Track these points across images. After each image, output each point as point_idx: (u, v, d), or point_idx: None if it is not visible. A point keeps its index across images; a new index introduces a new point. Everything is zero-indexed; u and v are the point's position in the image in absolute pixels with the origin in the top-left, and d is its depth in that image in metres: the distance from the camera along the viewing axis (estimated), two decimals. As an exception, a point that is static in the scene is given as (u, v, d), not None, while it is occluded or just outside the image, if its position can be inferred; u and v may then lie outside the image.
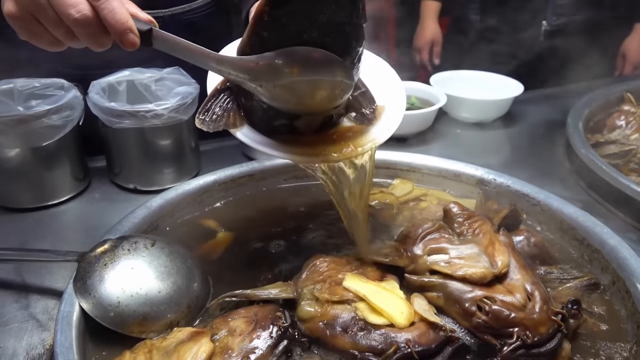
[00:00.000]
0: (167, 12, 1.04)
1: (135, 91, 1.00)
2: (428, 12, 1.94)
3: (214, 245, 0.79)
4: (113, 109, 0.88)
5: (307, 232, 0.83)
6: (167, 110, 0.88)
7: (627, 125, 1.15)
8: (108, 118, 0.89)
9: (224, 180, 0.91)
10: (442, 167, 0.95)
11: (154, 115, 0.87)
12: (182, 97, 0.90)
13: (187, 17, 1.07)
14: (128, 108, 0.87)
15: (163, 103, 0.88)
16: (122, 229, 0.76)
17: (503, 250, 0.65)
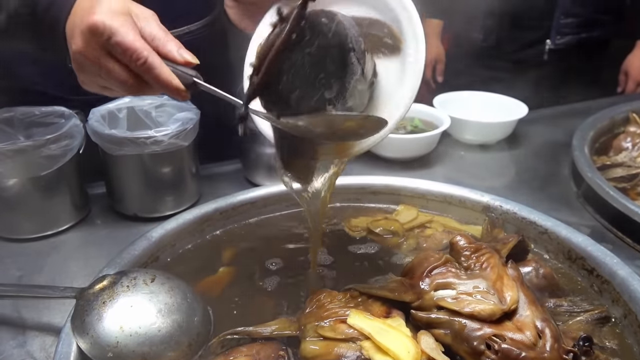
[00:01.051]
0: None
1: (136, 118, 0.99)
2: (430, 31, 1.93)
3: (216, 280, 0.78)
4: (113, 136, 0.87)
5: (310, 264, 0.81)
6: (167, 136, 0.87)
7: (634, 147, 1.14)
8: (108, 145, 0.88)
9: (225, 209, 0.89)
10: (447, 192, 0.93)
11: (154, 142, 0.86)
12: (182, 123, 0.89)
13: (185, 39, 1.06)
14: (128, 135, 0.86)
15: (163, 129, 0.87)
16: (121, 262, 0.74)
17: (512, 285, 0.63)
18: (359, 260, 0.83)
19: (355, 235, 0.88)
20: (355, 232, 0.89)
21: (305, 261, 0.82)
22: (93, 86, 0.68)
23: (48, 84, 1.03)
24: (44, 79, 1.03)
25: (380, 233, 0.88)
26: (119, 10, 0.64)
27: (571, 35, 1.76)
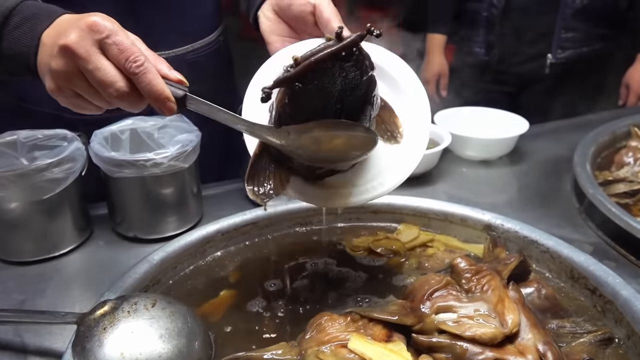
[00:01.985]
0: (171, 52, 1.06)
1: (139, 139, 0.99)
2: (434, 46, 1.94)
3: (217, 303, 0.78)
4: (113, 158, 0.87)
5: (312, 285, 0.81)
6: (167, 158, 0.87)
7: (636, 162, 1.13)
8: (108, 167, 0.88)
9: (226, 230, 0.90)
10: (449, 211, 0.93)
11: (153, 164, 0.87)
12: (182, 145, 0.89)
13: (190, 57, 1.09)
14: (128, 157, 0.87)
15: (163, 152, 0.88)
16: (123, 286, 0.74)
17: (513, 308, 0.63)
18: (360, 281, 0.83)
19: (356, 256, 0.88)
20: (356, 252, 0.89)
21: (307, 283, 0.82)
22: (66, 92, 0.64)
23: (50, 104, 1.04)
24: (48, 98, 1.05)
25: (381, 253, 0.88)
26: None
27: (572, 50, 1.76)
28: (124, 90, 0.62)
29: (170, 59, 1.03)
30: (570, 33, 1.74)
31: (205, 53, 1.12)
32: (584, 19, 1.73)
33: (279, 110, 0.61)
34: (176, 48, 1.07)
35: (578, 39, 1.75)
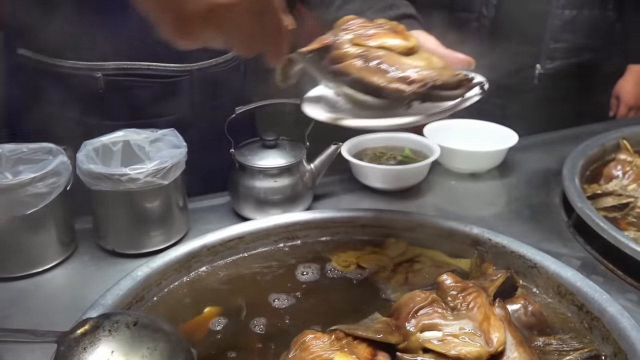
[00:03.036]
0: (195, 66, 1.11)
1: (131, 152, 0.99)
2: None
3: (201, 320, 0.77)
4: (89, 171, 0.87)
5: (297, 302, 0.80)
6: (143, 174, 0.86)
7: (624, 176, 1.13)
8: (87, 180, 0.88)
9: (213, 245, 0.89)
10: (436, 225, 0.93)
11: (129, 180, 0.86)
12: (161, 161, 0.88)
13: (212, 71, 1.14)
14: (103, 171, 0.86)
15: (138, 167, 0.86)
16: (105, 303, 0.73)
17: (499, 326, 0.63)
18: (346, 297, 0.82)
19: (343, 270, 0.88)
20: (343, 267, 0.88)
21: (293, 300, 0.81)
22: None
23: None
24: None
25: (368, 268, 0.87)
26: None
27: (561, 60, 1.76)
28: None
29: (194, 72, 1.11)
30: (559, 44, 1.75)
31: (225, 68, 1.18)
32: (573, 30, 1.73)
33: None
34: (200, 62, 1.12)
35: (567, 50, 1.76)
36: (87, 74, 1.06)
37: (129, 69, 1.07)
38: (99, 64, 1.06)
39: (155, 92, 1.10)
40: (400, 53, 0.73)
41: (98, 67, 1.06)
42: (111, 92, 1.08)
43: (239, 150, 1.03)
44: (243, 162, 1.01)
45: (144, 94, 1.09)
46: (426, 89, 0.69)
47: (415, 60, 0.73)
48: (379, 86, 0.70)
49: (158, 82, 1.10)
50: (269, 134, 1.03)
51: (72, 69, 1.06)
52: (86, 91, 1.07)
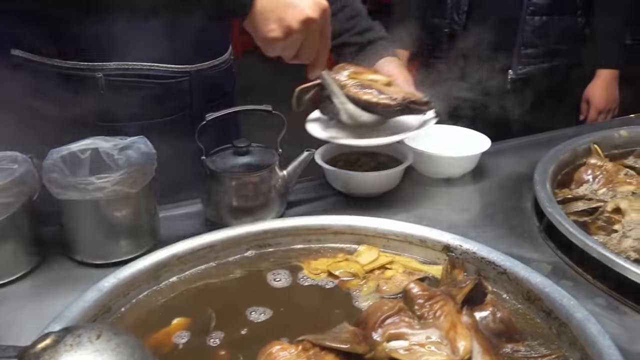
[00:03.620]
0: (194, 67, 1.15)
1: (100, 160, 0.97)
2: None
3: (169, 332, 0.75)
4: (56, 180, 0.85)
5: (267, 312, 0.80)
6: (110, 183, 0.85)
7: (595, 180, 1.15)
8: (53, 189, 0.86)
9: (182, 254, 0.88)
10: (408, 232, 0.93)
11: (95, 188, 0.84)
12: (129, 169, 0.87)
13: (209, 72, 1.19)
14: (69, 180, 0.84)
15: (105, 176, 0.85)
16: (70, 316, 0.72)
17: (465, 334, 0.63)
18: (317, 306, 0.81)
19: (314, 279, 0.87)
20: (314, 275, 0.88)
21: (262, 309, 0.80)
22: (290, 49, 0.85)
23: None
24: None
25: (340, 275, 0.87)
26: None
27: (532, 65, 1.79)
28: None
29: (193, 73, 1.16)
30: (530, 49, 1.77)
31: (220, 70, 1.22)
32: (544, 36, 1.76)
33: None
34: (199, 63, 1.17)
35: (538, 55, 1.78)
36: (88, 75, 1.06)
37: (129, 69, 1.09)
38: (100, 64, 1.07)
39: (155, 92, 1.12)
40: (382, 84, 1.06)
41: (99, 67, 1.07)
42: (112, 92, 1.09)
43: (210, 157, 1.02)
44: (214, 169, 1.00)
45: (144, 94, 1.11)
46: (406, 103, 1.03)
47: (393, 88, 1.07)
48: (373, 102, 1.03)
49: (158, 82, 1.12)
50: (241, 141, 1.02)
51: (72, 69, 1.06)
52: (87, 91, 1.08)
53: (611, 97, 1.89)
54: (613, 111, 1.92)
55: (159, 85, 1.12)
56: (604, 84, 1.87)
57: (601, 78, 1.87)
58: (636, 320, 0.81)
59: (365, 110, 1.03)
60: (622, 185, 1.11)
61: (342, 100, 1.03)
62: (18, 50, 1.06)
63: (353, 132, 1.07)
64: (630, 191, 1.09)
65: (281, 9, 0.80)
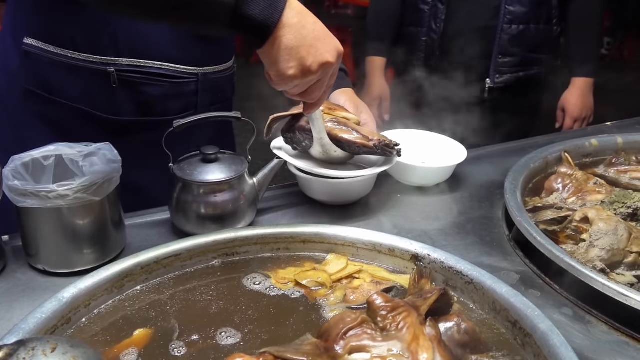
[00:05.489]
0: (202, 70, 1.18)
1: (64, 167, 0.95)
2: (374, 69, 1.95)
3: (130, 344, 0.74)
4: (16, 187, 0.83)
5: (231, 323, 0.78)
6: (72, 191, 0.83)
7: (565, 189, 1.15)
8: (13, 197, 0.84)
9: (147, 263, 0.86)
10: (377, 241, 0.92)
11: (57, 196, 0.82)
12: (91, 177, 0.85)
13: (214, 77, 1.21)
14: (29, 188, 0.82)
15: (67, 184, 0.83)
16: (26, 328, 0.70)
17: (428, 346, 0.62)
18: (283, 316, 0.80)
19: (281, 288, 0.86)
20: (282, 285, 0.87)
21: (227, 321, 0.79)
22: (300, 88, 0.86)
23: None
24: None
25: (307, 285, 0.86)
26: None
27: (509, 74, 1.80)
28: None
29: (200, 76, 1.18)
30: (507, 58, 1.78)
31: (225, 75, 1.25)
32: (520, 45, 1.77)
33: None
34: (207, 66, 1.19)
35: (515, 64, 1.80)
36: (101, 69, 1.07)
37: (141, 67, 1.10)
38: (113, 59, 1.07)
39: (163, 91, 1.14)
40: (354, 122, 1.13)
41: (112, 62, 1.07)
42: (123, 87, 1.10)
43: (178, 164, 1.01)
44: (182, 177, 0.99)
45: (153, 91, 1.13)
46: (381, 145, 1.09)
47: (366, 129, 1.15)
48: (351, 141, 1.08)
49: (167, 82, 1.13)
50: (209, 148, 1.01)
51: (86, 62, 1.07)
52: (99, 85, 1.09)
53: (587, 106, 1.91)
54: (588, 119, 1.94)
55: (168, 85, 1.14)
56: (579, 92, 1.89)
57: (576, 86, 1.89)
58: (601, 330, 0.82)
59: (338, 146, 1.09)
60: (592, 195, 1.12)
61: (322, 136, 1.07)
62: (31, 39, 1.07)
63: (319, 163, 1.12)
64: (599, 200, 1.10)
65: (304, 49, 0.80)
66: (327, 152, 1.10)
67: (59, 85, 1.09)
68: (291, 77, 0.82)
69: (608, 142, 1.38)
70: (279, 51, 0.80)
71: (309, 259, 0.93)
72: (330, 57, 0.83)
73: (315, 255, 0.94)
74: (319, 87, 0.88)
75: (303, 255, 0.94)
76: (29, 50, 1.07)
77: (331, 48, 0.83)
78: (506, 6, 1.74)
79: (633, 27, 6.09)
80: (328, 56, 0.82)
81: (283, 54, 0.80)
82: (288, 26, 0.78)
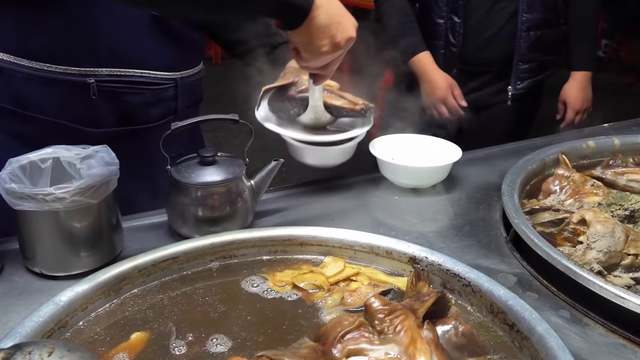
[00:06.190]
0: (179, 75, 1.19)
1: (61, 170, 0.95)
2: (425, 64, 1.85)
3: (127, 348, 0.73)
4: (13, 190, 0.83)
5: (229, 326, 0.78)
6: (70, 194, 0.83)
7: (562, 191, 1.15)
8: (10, 200, 0.84)
9: (144, 266, 0.86)
10: (374, 243, 0.92)
11: (54, 199, 0.82)
12: (89, 180, 0.85)
13: (190, 80, 1.23)
14: (26, 190, 0.82)
15: (64, 186, 0.83)
16: (23, 332, 0.70)
17: (425, 349, 0.62)
18: (280, 319, 0.80)
19: (279, 291, 0.86)
20: (279, 288, 0.87)
21: (224, 324, 0.79)
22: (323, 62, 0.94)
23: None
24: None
25: (304, 288, 0.86)
26: None
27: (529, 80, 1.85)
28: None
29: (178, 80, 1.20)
30: (527, 64, 1.81)
31: (197, 78, 1.27)
32: (538, 50, 1.80)
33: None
34: (183, 70, 1.21)
35: (533, 69, 1.84)
36: (79, 80, 1.06)
37: (122, 76, 1.09)
38: (92, 70, 1.06)
39: (144, 99, 1.14)
40: (337, 89, 1.20)
41: (91, 72, 1.06)
42: (103, 98, 1.09)
43: (176, 167, 1.01)
44: (179, 179, 0.99)
45: (135, 100, 1.13)
46: (367, 108, 1.17)
47: (348, 94, 1.20)
48: (340, 106, 1.17)
49: (148, 89, 1.14)
50: (206, 150, 1.01)
51: (64, 75, 1.05)
52: (78, 97, 1.08)
53: (586, 98, 1.94)
54: (588, 111, 1.96)
55: (149, 92, 1.14)
56: (579, 85, 1.91)
57: (576, 79, 1.92)
58: (598, 332, 0.82)
59: (327, 112, 1.17)
60: (589, 196, 1.12)
61: (318, 103, 1.13)
62: (2, 54, 1.04)
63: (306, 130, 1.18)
64: (596, 202, 1.10)
65: (334, 26, 0.88)
66: (318, 118, 1.16)
67: (35, 101, 1.06)
68: (323, 53, 0.90)
69: (605, 143, 1.38)
70: (313, 30, 0.86)
71: (306, 262, 0.93)
72: (353, 32, 0.91)
73: (312, 258, 0.94)
74: (338, 60, 0.96)
75: (300, 258, 0.94)
76: (0, 65, 1.04)
77: (352, 24, 0.91)
78: (523, 14, 1.75)
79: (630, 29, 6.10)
80: (352, 31, 0.91)
81: (317, 33, 0.87)
82: (320, 6, 0.85)
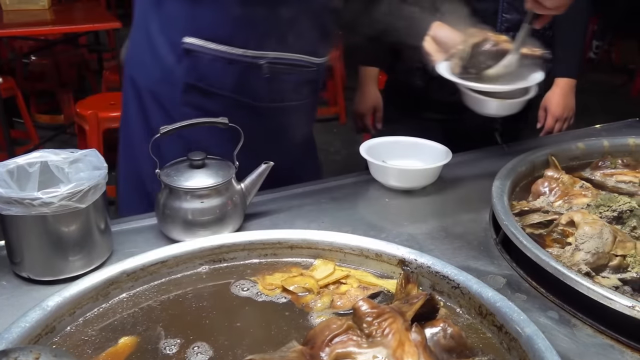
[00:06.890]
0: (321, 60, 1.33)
1: (49, 174, 0.95)
2: (368, 78, 1.92)
3: (115, 353, 0.73)
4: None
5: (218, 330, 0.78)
6: (57, 198, 0.82)
7: (551, 192, 1.16)
8: None
9: (132, 270, 0.85)
10: (364, 246, 0.92)
11: (42, 204, 0.82)
12: (77, 184, 0.85)
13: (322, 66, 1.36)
14: (13, 195, 0.82)
15: (52, 191, 0.83)
16: (9, 337, 0.70)
17: (413, 352, 0.62)
18: (270, 323, 0.80)
19: (268, 294, 0.86)
20: (268, 291, 0.86)
21: (214, 328, 0.79)
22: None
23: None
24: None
25: (294, 291, 0.86)
26: None
27: None
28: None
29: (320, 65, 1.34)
30: None
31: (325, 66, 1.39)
32: None
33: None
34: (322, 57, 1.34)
35: None
36: (253, 62, 1.21)
37: (285, 59, 1.24)
38: (264, 53, 1.21)
39: (298, 79, 1.30)
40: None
41: (263, 55, 1.21)
42: (272, 77, 1.24)
43: (165, 170, 1.00)
44: (169, 183, 0.98)
45: (293, 79, 1.29)
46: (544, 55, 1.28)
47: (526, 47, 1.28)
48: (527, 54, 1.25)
49: (304, 70, 1.29)
50: (196, 153, 1.01)
51: (241, 56, 1.20)
52: (251, 75, 1.23)
53: (568, 106, 1.92)
54: (569, 120, 1.94)
55: (305, 73, 1.30)
56: (562, 92, 1.89)
57: (559, 86, 1.89)
58: (586, 333, 0.82)
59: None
60: (578, 198, 1.13)
61: (520, 50, 1.24)
62: (192, 38, 1.18)
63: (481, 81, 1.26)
64: (585, 204, 1.10)
65: None
66: (510, 67, 1.24)
67: (216, 78, 1.21)
68: None
69: (594, 145, 1.39)
70: None
71: (296, 265, 0.93)
72: None
73: (302, 261, 0.94)
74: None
75: (290, 261, 0.94)
76: (189, 48, 1.18)
77: None
78: (503, 14, 1.75)
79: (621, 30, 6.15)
80: None
81: None
82: None
